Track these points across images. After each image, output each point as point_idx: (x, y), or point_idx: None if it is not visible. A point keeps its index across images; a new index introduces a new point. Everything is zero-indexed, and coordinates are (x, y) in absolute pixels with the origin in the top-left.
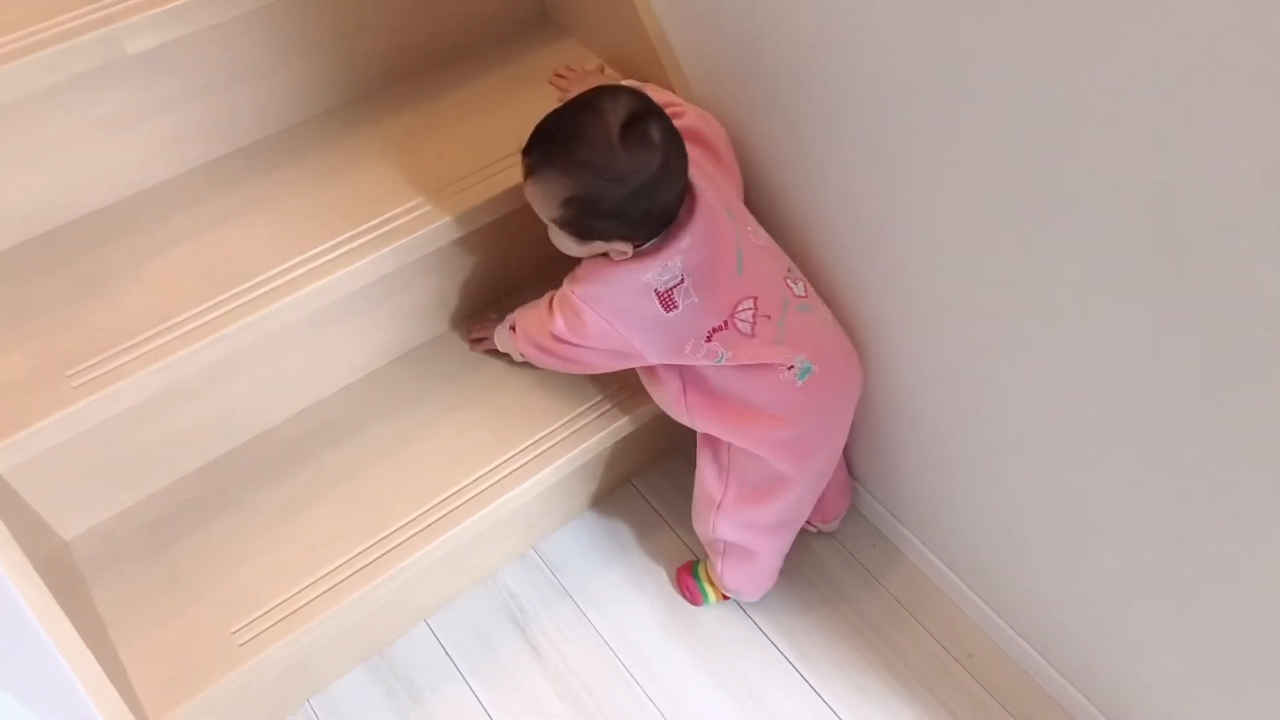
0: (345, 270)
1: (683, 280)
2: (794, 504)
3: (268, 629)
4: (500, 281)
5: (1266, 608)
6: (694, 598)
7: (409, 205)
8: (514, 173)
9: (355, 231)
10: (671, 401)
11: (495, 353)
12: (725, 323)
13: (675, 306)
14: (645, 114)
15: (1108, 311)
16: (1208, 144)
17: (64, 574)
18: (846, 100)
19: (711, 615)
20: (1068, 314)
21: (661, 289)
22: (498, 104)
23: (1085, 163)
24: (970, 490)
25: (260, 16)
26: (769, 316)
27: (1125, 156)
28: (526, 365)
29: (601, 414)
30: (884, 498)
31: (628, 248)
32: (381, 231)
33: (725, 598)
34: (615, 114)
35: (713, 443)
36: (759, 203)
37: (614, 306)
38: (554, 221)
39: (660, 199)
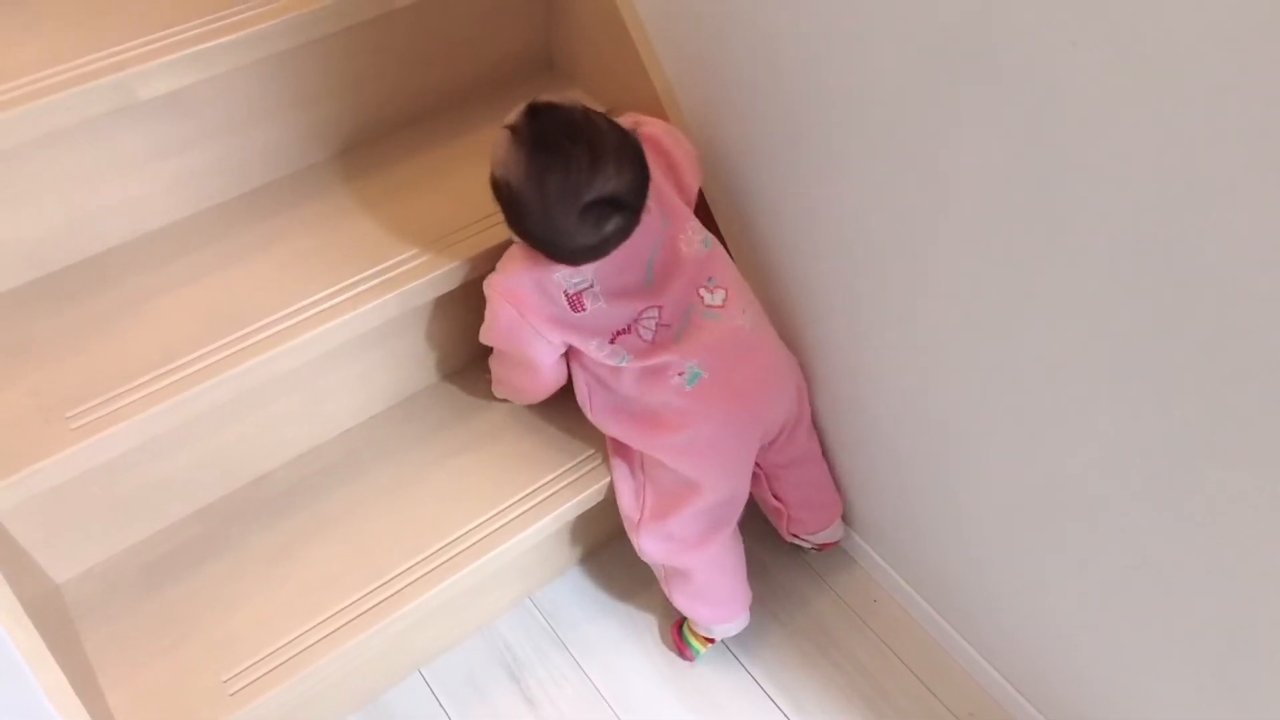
0: (348, 315)
1: (592, 285)
2: (707, 512)
3: (259, 678)
4: None
5: (1259, 651)
6: (685, 654)
7: (414, 251)
8: None
9: (360, 276)
10: (581, 403)
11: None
12: (629, 327)
13: (583, 309)
14: (621, 205)
15: (1098, 366)
16: (1210, 203)
17: (54, 617)
18: (847, 150)
19: (707, 667)
20: (1064, 367)
21: (571, 291)
22: None
23: (1085, 218)
24: (964, 540)
25: (269, 63)
26: (669, 325)
27: (1125, 211)
28: (526, 413)
29: (602, 463)
30: (880, 548)
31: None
32: (386, 277)
33: (710, 641)
34: (601, 182)
35: (626, 459)
36: (747, 236)
37: (523, 294)
38: (490, 179)
39: (577, 258)
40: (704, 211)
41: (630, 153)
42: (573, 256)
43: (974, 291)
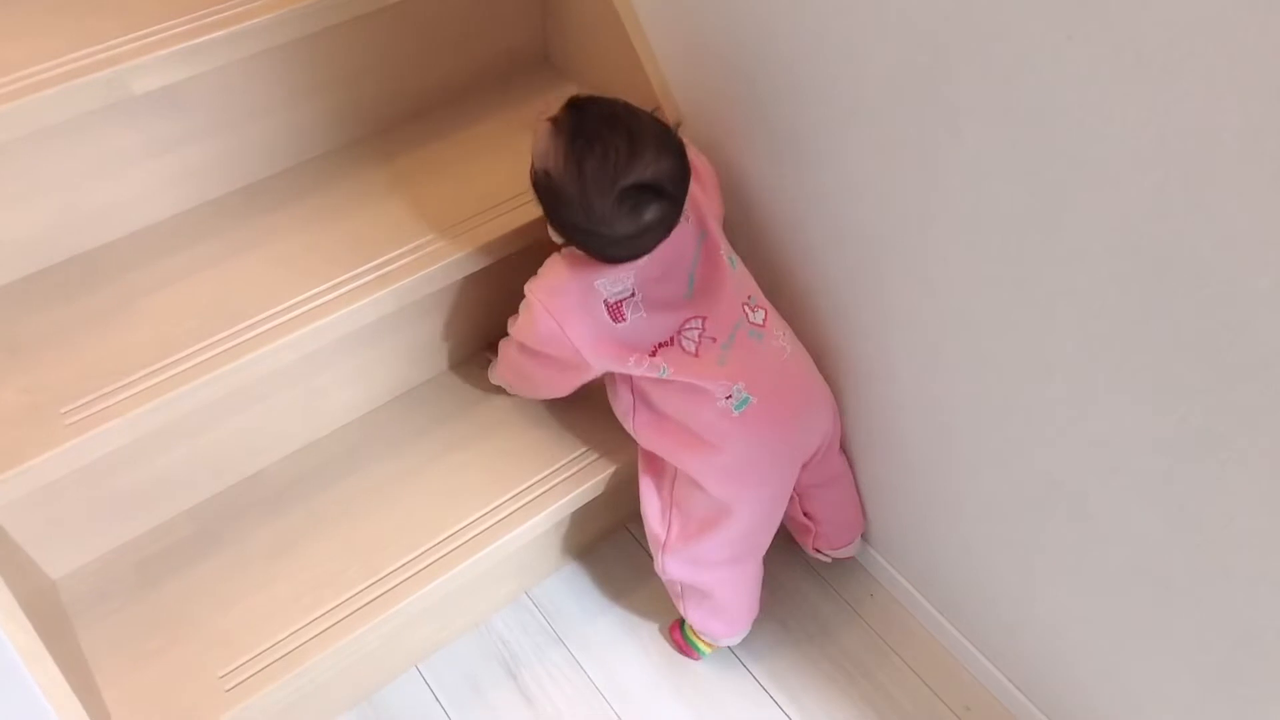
0: (344, 311)
1: (634, 294)
2: (740, 539)
3: (256, 673)
4: (499, 325)
5: (1258, 650)
6: (689, 653)
7: (409, 247)
8: (514, 215)
9: (355, 272)
10: (622, 415)
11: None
12: (671, 339)
13: (623, 319)
14: (660, 192)
15: (1095, 363)
16: (1206, 198)
17: (50, 613)
18: (843, 146)
19: (705, 664)
20: (1060, 364)
21: (611, 300)
22: (498, 147)
23: (1083, 219)
24: (965, 537)
25: (264, 59)
26: (714, 339)
27: (1121, 206)
28: (523, 407)
29: (599, 458)
30: (879, 545)
31: (578, 251)
32: (381, 273)
33: (709, 642)
34: (639, 167)
35: (656, 477)
36: (747, 240)
37: (565, 307)
38: (530, 174)
39: (619, 250)
40: None
41: (670, 143)
42: (614, 248)
43: (970, 289)
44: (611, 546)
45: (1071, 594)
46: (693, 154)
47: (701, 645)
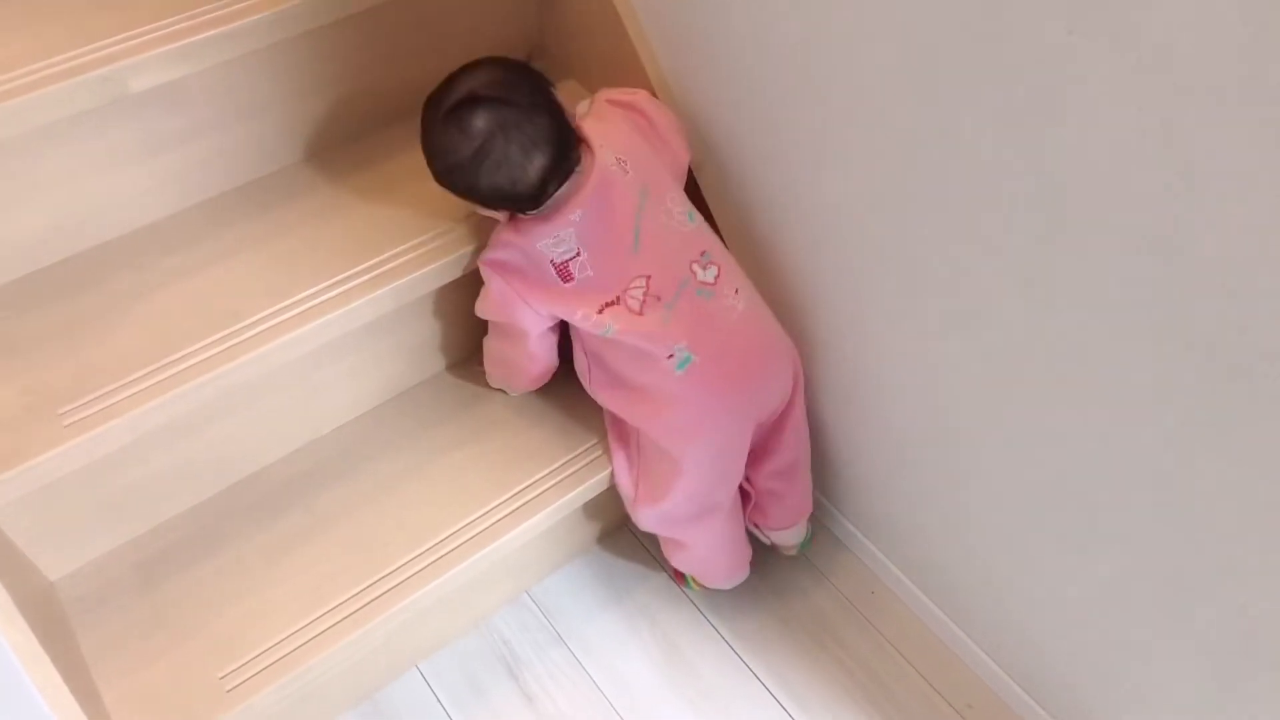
0: (342, 310)
1: (579, 253)
2: (697, 493)
3: (256, 674)
4: None
5: (1261, 648)
6: (679, 583)
7: (408, 245)
8: None
9: (353, 271)
10: (580, 375)
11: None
12: (617, 298)
13: (572, 279)
14: (478, 100)
15: (1097, 358)
16: (1208, 193)
17: (48, 614)
18: (842, 139)
19: (704, 662)
20: (1062, 359)
21: (558, 261)
22: None
23: (1082, 210)
24: (964, 533)
25: (261, 57)
26: (659, 298)
27: (1123, 202)
28: (521, 407)
29: (598, 457)
30: (879, 540)
31: (495, 214)
32: (379, 272)
33: (704, 585)
34: (457, 91)
35: (621, 437)
36: (744, 237)
37: (509, 263)
38: None
39: (482, 182)
40: (697, 197)
41: (498, 61)
42: (476, 178)
43: (971, 285)
44: (611, 545)
45: (1074, 590)
46: (648, 104)
47: (694, 586)
